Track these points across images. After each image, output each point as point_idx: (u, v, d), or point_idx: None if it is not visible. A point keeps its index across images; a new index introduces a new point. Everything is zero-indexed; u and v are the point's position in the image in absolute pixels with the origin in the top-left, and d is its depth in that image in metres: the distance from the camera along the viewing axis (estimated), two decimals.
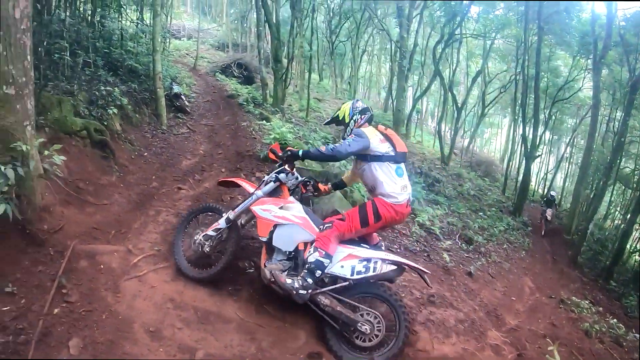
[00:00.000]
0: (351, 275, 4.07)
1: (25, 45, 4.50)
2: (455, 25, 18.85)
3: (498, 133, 42.86)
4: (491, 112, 30.75)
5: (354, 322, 4.06)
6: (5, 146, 4.31)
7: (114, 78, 9.62)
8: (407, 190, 4.25)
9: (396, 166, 4.24)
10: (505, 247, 13.12)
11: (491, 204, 17.87)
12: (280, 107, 14.71)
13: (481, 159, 27.87)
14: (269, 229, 4.24)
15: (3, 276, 3.95)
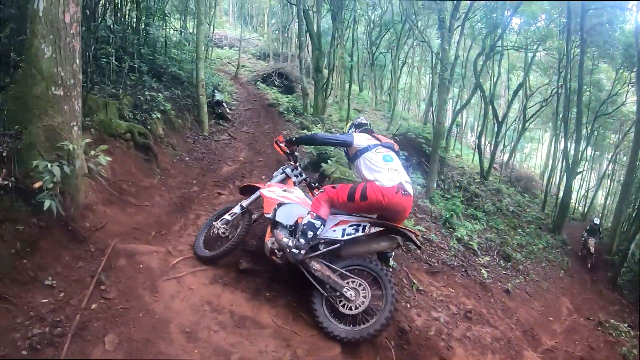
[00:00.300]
0: (342, 237, 4.36)
1: (74, 49, 4.66)
2: (497, 37, 18.59)
3: (539, 148, 41.97)
4: (532, 126, 30.08)
5: (340, 287, 4.21)
6: (53, 145, 4.47)
7: (157, 84, 9.85)
8: (397, 174, 4.38)
9: (383, 154, 4.50)
10: (543, 266, 12.82)
11: (530, 221, 17.46)
12: (320, 117, 14.76)
13: (521, 175, 27.32)
14: (272, 207, 4.69)
15: (44, 269, 4.08)
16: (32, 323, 3.51)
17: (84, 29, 6.72)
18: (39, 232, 4.32)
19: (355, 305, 4.21)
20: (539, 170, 36.18)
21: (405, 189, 4.31)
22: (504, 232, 13.49)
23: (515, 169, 28.63)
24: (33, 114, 4.50)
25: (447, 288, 6.79)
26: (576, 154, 17.63)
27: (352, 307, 4.22)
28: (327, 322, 4.21)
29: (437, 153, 12.70)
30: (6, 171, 4.24)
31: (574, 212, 25.69)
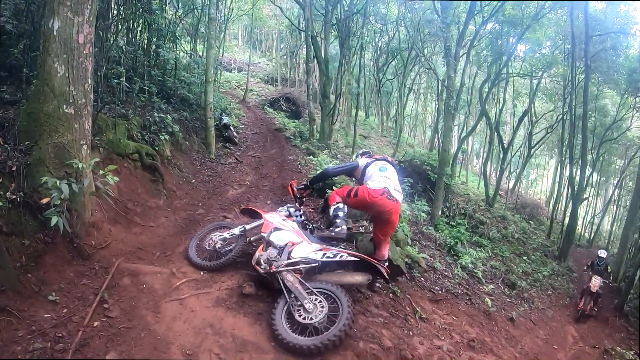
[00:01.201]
0: (320, 258, 4.85)
1: (86, 69, 4.75)
2: (502, 64, 18.71)
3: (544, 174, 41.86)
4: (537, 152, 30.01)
5: (302, 298, 4.50)
6: (62, 162, 4.54)
7: (166, 105, 9.94)
8: (387, 180, 5.17)
9: (380, 165, 5.41)
10: (549, 294, 12.70)
11: (536, 248, 17.30)
12: (326, 142, 14.81)
13: (526, 201, 27.16)
14: (269, 229, 5.23)
15: (48, 284, 4.12)
16: (33, 337, 3.54)
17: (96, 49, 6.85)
18: (45, 247, 4.36)
19: (310, 317, 4.40)
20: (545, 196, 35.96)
21: (390, 193, 5.04)
22: (509, 260, 13.39)
23: (521, 196, 28.52)
24: (44, 131, 4.57)
25: (451, 316, 6.78)
26: (582, 180, 17.54)
27: (306, 317, 4.41)
28: (280, 325, 4.38)
29: (442, 180, 12.69)
30: (15, 185, 4.29)
31: (580, 238, 25.49)
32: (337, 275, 5.07)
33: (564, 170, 23.06)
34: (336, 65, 18.62)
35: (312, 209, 7.71)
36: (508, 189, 26.98)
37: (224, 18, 18.02)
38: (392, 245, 6.51)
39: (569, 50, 18.70)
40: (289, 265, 4.80)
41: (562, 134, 21.80)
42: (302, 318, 4.40)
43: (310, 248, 5.00)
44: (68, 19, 4.55)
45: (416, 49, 19.26)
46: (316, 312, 4.41)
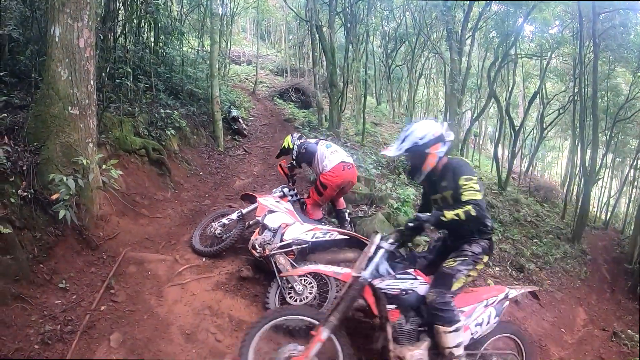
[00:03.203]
0: (311, 239, 5.04)
1: (88, 71, 5.02)
2: (509, 45, 18.56)
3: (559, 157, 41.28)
4: (552, 134, 29.66)
5: (293, 280, 4.72)
6: (69, 160, 4.83)
7: (174, 101, 10.15)
8: (337, 155, 5.79)
9: (325, 144, 5.98)
10: (559, 276, 12.57)
11: (549, 231, 17.15)
12: (335, 130, 14.87)
13: (540, 184, 26.87)
14: (264, 212, 5.43)
15: (58, 273, 4.43)
16: (45, 321, 3.85)
17: (100, 51, 7.10)
18: (55, 239, 4.66)
19: (301, 299, 4.66)
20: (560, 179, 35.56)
21: (347, 162, 5.74)
22: (519, 243, 13.32)
23: (535, 179, 28.24)
24: (51, 132, 4.87)
25: None
26: (594, 161, 17.33)
27: (297, 299, 4.67)
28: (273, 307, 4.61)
29: None
30: (26, 183, 4.59)
31: (596, 220, 25.21)
32: (329, 254, 5.32)
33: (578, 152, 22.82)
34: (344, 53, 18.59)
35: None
36: (521, 171, 26.75)
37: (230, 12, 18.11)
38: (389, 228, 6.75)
39: (577, 29, 18.50)
40: (282, 247, 5.00)
41: (574, 115, 21.56)
42: (293, 300, 4.65)
43: (301, 229, 5.17)
44: (68, 25, 4.81)
45: (423, 34, 19.18)
46: (306, 293, 4.68)
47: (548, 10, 19.41)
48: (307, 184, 8.70)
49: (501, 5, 18.49)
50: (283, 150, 6.59)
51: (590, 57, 17.78)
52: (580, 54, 17.65)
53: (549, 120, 24.69)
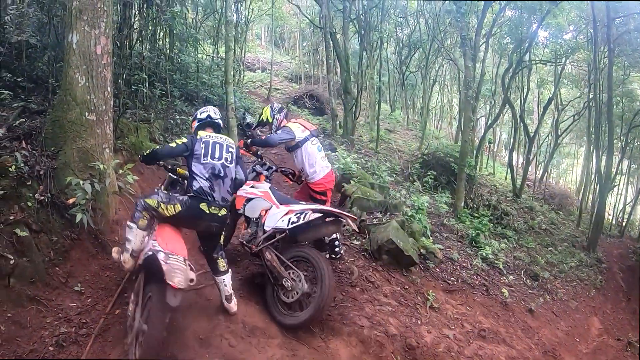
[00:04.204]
0: (287, 226, 4.75)
1: (105, 78, 5.08)
2: (523, 51, 18.44)
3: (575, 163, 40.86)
4: (566, 141, 29.33)
5: (281, 277, 4.64)
6: (86, 165, 4.89)
7: (189, 108, 10.18)
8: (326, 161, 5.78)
9: (317, 145, 5.74)
10: (574, 285, 12.42)
11: (563, 239, 16.99)
12: (350, 137, 14.86)
13: (555, 191, 26.62)
14: (242, 203, 5.35)
15: (74, 277, 4.47)
16: (60, 323, 3.89)
17: (117, 58, 7.18)
18: (71, 243, 4.71)
19: (292, 295, 4.61)
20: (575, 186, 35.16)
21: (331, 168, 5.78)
22: (534, 251, 13.20)
23: (550, 186, 27.95)
24: (68, 137, 4.93)
25: (465, 306, 6.84)
26: (609, 167, 17.14)
27: (289, 295, 4.63)
28: (273, 308, 4.70)
29: (463, 171, 12.65)
30: (43, 187, 4.64)
31: (611, 228, 24.87)
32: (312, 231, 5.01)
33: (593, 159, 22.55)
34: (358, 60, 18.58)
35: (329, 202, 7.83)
36: (536, 179, 26.51)
37: (245, 19, 18.21)
38: (404, 236, 6.69)
39: (591, 35, 18.34)
40: (266, 239, 4.89)
41: (589, 121, 21.34)
42: (287, 297, 4.67)
43: (278, 214, 4.90)
44: (85, 32, 4.88)
45: (436, 40, 19.13)
46: (296, 288, 4.61)
47: (562, 15, 19.21)
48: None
49: (515, 11, 18.41)
50: (260, 122, 6.37)
51: (605, 63, 17.63)
52: (595, 59, 17.49)
53: (563, 126, 24.46)
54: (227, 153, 4.38)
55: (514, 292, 8.88)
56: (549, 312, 9.33)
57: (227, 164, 4.34)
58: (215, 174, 4.23)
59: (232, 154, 4.44)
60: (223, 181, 4.29)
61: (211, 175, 4.21)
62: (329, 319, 4.80)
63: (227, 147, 4.42)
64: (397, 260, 6.42)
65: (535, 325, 8.10)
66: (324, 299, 4.35)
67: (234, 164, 4.43)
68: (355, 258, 6.22)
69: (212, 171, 4.23)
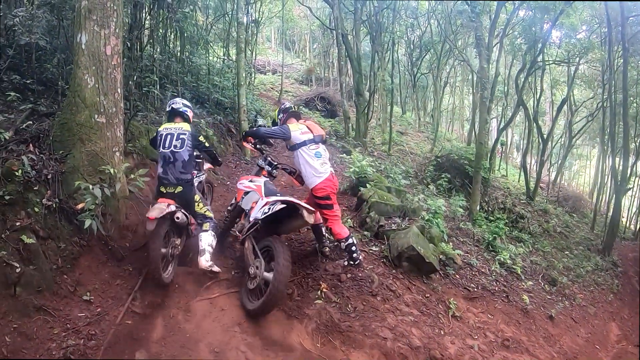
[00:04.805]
0: (260, 216, 4.85)
1: (115, 79, 4.92)
2: (537, 52, 18.19)
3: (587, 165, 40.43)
4: (579, 142, 28.95)
5: (248, 265, 4.80)
6: (95, 169, 4.73)
7: (200, 110, 10.11)
8: (327, 167, 5.65)
9: (315, 150, 5.62)
10: (591, 290, 12.17)
11: (579, 242, 16.69)
12: (362, 140, 14.74)
13: (569, 194, 26.27)
14: (240, 195, 5.62)
15: (83, 285, 4.30)
16: (68, 334, 3.72)
17: (127, 59, 7.06)
18: (80, 250, 4.56)
19: (254, 282, 4.64)
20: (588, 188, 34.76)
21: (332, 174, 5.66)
22: (550, 255, 12.96)
23: (563, 188, 27.60)
24: (77, 140, 4.77)
25: (486, 314, 6.66)
26: (625, 169, 16.83)
27: (252, 282, 4.68)
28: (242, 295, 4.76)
29: (479, 174, 12.44)
30: (51, 192, 4.48)
31: (625, 231, 24.47)
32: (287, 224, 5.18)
33: (607, 160, 22.25)
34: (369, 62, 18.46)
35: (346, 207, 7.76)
36: (549, 181, 26.18)
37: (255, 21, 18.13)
38: (424, 242, 6.47)
39: (605, 34, 18.05)
40: (250, 228, 5.03)
41: (603, 122, 21.03)
42: (250, 284, 4.69)
43: (260, 205, 5.04)
44: (95, 32, 4.74)
45: (449, 41, 18.94)
46: (258, 275, 4.61)
47: (575, 15, 18.99)
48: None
49: (528, 11, 18.16)
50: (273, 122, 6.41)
51: (619, 62, 17.34)
52: (610, 58, 17.18)
53: (576, 127, 24.14)
54: (176, 141, 5.11)
55: (534, 298, 8.65)
56: (569, 318, 9.12)
57: (175, 151, 5.06)
58: (166, 160, 5.05)
59: (184, 140, 5.15)
60: (174, 165, 5.03)
61: (164, 162, 5.07)
62: (350, 330, 4.59)
63: (177, 135, 5.16)
64: (417, 267, 6.21)
65: (556, 333, 7.90)
66: (275, 285, 4.29)
67: (185, 148, 5.12)
68: (374, 265, 6.00)
69: (163, 158, 5.07)
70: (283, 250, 4.52)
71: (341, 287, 5.26)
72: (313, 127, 5.87)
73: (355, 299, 5.09)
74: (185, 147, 5.12)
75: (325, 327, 4.60)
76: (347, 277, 5.46)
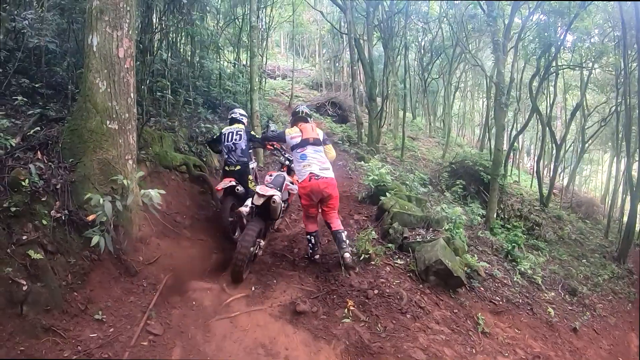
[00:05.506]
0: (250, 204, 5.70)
1: (128, 83, 4.68)
2: (551, 56, 17.92)
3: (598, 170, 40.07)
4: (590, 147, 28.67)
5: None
6: (107, 178, 4.51)
7: (213, 115, 9.95)
8: (309, 168, 5.78)
9: (300, 153, 5.88)
10: (610, 299, 11.86)
11: (594, 249, 16.35)
12: (375, 146, 14.56)
13: (581, 199, 25.94)
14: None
15: (94, 303, 4.07)
16: (79, 357, 3.49)
17: (139, 63, 6.87)
18: (91, 264, 4.32)
19: None
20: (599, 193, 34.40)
21: (316, 175, 5.71)
22: (567, 263, 12.73)
23: (575, 194, 27.31)
24: (88, 147, 4.54)
25: (513, 329, 6.39)
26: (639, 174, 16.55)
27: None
28: None
29: (496, 181, 12.19)
30: (60, 203, 4.26)
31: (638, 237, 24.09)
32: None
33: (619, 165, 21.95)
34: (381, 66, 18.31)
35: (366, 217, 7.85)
36: (563, 186, 25.87)
37: (265, 26, 18.01)
38: (451, 255, 6.19)
39: (619, 38, 17.76)
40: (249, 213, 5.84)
41: (616, 127, 20.73)
42: None
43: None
44: (107, 34, 4.53)
45: (461, 45, 18.74)
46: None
47: (589, 18, 18.73)
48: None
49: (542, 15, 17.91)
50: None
51: (633, 67, 17.07)
52: (624, 62, 16.86)
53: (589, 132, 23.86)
54: (236, 136, 6.87)
55: (556, 310, 8.40)
56: (591, 330, 8.84)
57: (235, 142, 6.82)
58: (229, 149, 6.82)
59: (241, 135, 6.90)
60: (235, 151, 6.79)
61: (227, 151, 6.84)
62: (381, 352, 4.27)
63: (236, 132, 6.92)
64: (445, 281, 5.93)
65: (581, 346, 7.61)
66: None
67: (242, 141, 6.86)
68: (401, 280, 5.71)
69: (227, 148, 6.84)
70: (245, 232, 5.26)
71: (369, 305, 4.96)
72: (305, 130, 6.07)
73: (385, 318, 4.79)
74: (242, 139, 6.86)
75: (355, 349, 4.27)
76: (375, 294, 5.17)
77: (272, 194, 5.62)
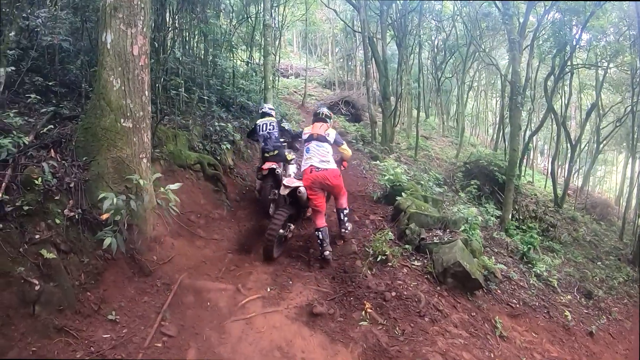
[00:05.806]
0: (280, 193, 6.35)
1: (143, 81, 4.63)
2: (566, 55, 17.69)
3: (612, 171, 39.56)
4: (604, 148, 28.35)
5: None
6: (121, 176, 4.47)
7: (226, 114, 9.91)
8: (310, 160, 6.22)
9: (306, 147, 6.37)
10: (625, 302, 11.67)
11: (609, 252, 16.10)
12: (389, 145, 14.47)
13: (596, 201, 25.63)
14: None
15: (107, 303, 4.03)
16: (92, 359, 3.45)
17: (153, 61, 6.83)
18: (104, 264, 4.29)
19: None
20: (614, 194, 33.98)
21: (317, 167, 6.10)
22: (582, 265, 12.56)
23: (589, 195, 27.00)
24: (102, 146, 4.49)
25: (530, 333, 6.31)
26: None
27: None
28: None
29: (512, 182, 12.05)
30: (73, 202, 4.22)
31: None
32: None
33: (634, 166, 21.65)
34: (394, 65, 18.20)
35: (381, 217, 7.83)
36: (577, 187, 25.57)
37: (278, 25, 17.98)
38: (469, 257, 6.12)
39: (634, 37, 17.50)
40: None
41: (632, 127, 20.44)
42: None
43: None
44: (121, 31, 4.48)
45: (475, 44, 18.58)
46: None
47: (604, 17, 18.45)
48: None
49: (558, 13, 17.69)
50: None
51: None
52: None
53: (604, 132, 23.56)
54: (270, 126, 7.84)
55: (573, 313, 8.25)
56: (607, 334, 8.69)
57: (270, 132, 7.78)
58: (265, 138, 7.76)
59: (274, 126, 7.87)
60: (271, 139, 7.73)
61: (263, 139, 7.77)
62: (399, 356, 4.18)
63: (269, 123, 7.88)
64: (462, 283, 5.84)
65: (597, 351, 7.52)
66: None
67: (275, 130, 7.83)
68: (418, 282, 5.62)
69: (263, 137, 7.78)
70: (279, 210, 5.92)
71: (386, 307, 4.87)
72: (314, 127, 6.52)
73: (403, 321, 4.70)
74: (275, 129, 7.83)
75: (373, 352, 4.19)
76: (392, 296, 5.08)
77: (297, 185, 6.09)
